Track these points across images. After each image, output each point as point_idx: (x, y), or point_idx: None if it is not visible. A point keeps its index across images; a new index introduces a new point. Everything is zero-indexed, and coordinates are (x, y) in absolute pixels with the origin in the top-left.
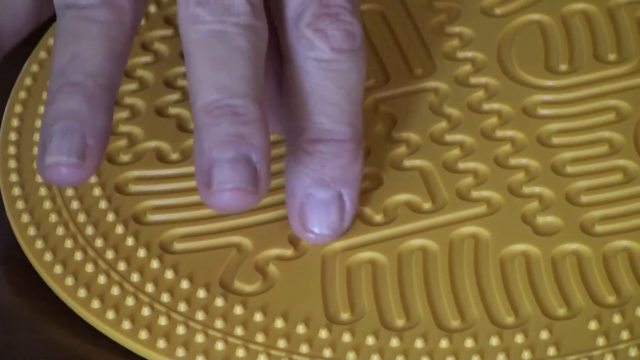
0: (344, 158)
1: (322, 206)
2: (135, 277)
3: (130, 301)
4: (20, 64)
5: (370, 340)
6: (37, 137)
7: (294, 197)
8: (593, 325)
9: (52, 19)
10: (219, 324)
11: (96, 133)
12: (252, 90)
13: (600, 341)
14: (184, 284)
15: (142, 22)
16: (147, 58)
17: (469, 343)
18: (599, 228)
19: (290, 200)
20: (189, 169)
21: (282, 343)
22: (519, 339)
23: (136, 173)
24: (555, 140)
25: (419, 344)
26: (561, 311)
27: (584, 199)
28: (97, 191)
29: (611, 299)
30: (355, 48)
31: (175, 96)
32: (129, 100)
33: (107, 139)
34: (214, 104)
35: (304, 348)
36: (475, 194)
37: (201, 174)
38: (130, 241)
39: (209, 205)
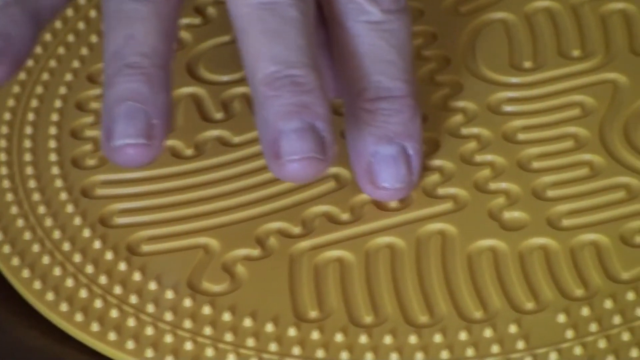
0: (404, 113)
1: (391, 161)
2: (103, 279)
3: (98, 303)
4: None
5: (339, 337)
6: (1, 143)
7: (360, 157)
8: (562, 318)
9: None
10: (187, 324)
11: (159, 112)
12: (308, 59)
13: (569, 334)
14: (152, 286)
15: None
16: None
17: (437, 338)
18: (565, 222)
19: (356, 161)
20: (155, 171)
21: (250, 342)
22: (488, 333)
23: (102, 177)
24: (521, 136)
25: (387, 340)
26: (529, 305)
27: (551, 193)
28: (63, 195)
29: (579, 292)
30: (401, 8)
31: None
32: (94, 105)
33: (170, 117)
34: (273, 75)
35: (272, 346)
36: (441, 191)
37: (268, 146)
38: (97, 244)
39: (278, 176)
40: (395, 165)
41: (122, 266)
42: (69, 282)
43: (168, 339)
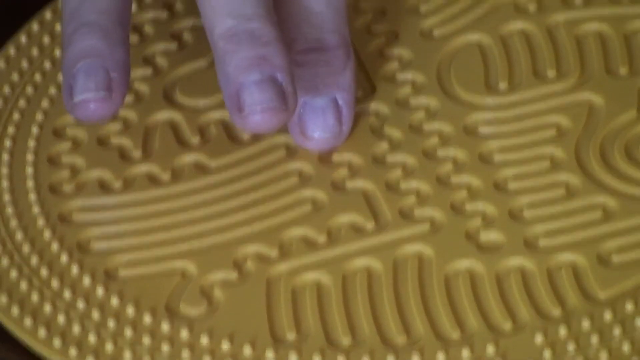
0: (334, 65)
1: (319, 111)
2: (81, 304)
3: (76, 328)
4: None
5: (316, 359)
6: None
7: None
8: (539, 338)
9: None
10: (165, 347)
11: (118, 66)
12: (264, 12)
13: (547, 354)
14: (130, 310)
15: None
16: None
17: (415, 359)
18: (542, 243)
19: None
20: (132, 197)
21: None
22: (465, 353)
23: (79, 202)
24: (497, 157)
25: None
26: (507, 325)
27: (527, 214)
28: (41, 221)
29: (556, 312)
30: None
31: (117, 126)
32: (71, 132)
33: (129, 72)
34: (231, 30)
35: None
36: (418, 213)
37: (231, 99)
38: (75, 269)
39: (242, 128)
40: (324, 116)
41: (100, 291)
42: (47, 308)
43: None
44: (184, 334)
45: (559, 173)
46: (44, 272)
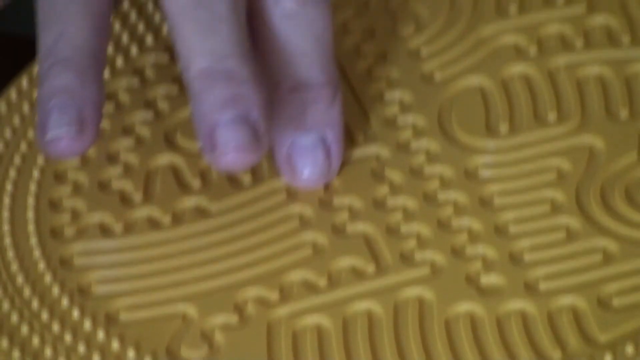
0: (321, 102)
1: (308, 150)
2: (82, 348)
3: None
4: None
5: None
6: None
7: (280, 146)
8: None
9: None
10: None
11: (91, 104)
12: (240, 52)
13: None
14: (131, 354)
15: None
16: None
17: None
18: (543, 286)
19: (277, 151)
20: (133, 240)
21: None
22: None
23: (80, 246)
24: (498, 201)
25: None
26: None
27: (528, 258)
28: (42, 265)
29: (557, 355)
30: None
31: (118, 170)
32: (71, 175)
33: (102, 110)
34: (207, 70)
35: None
36: (418, 256)
37: (204, 138)
38: (76, 314)
39: (216, 166)
40: (313, 154)
41: (101, 334)
42: (48, 352)
43: None
44: None
45: (559, 216)
46: (44, 315)
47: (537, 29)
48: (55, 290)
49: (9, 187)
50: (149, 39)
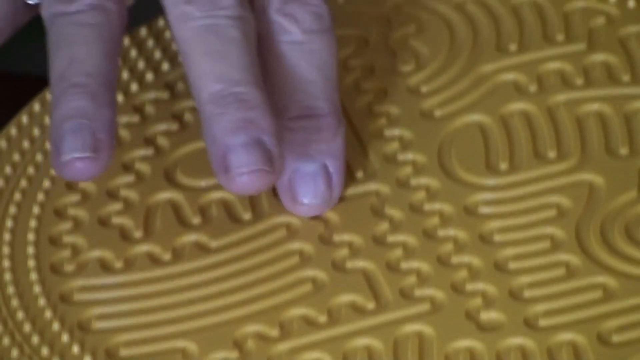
0: (325, 132)
1: (310, 178)
2: None
3: None
4: None
5: None
6: None
7: (283, 174)
8: None
9: (29, 24)
10: None
11: (105, 127)
12: (251, 77)
13: None
14: None
15: None
16: None
17: None
18: (543, 322)
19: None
20: (133, 276)
21: None
22: None
23: (80, 282)
24: (497, 237)
25: None
26: None
27: (527, 294)
28: (42, 301)
29: None
30: (324, 28)
31: (118, 206)
32: (72, 211)
33: (115, 133)
34: (218, 93)
35: None
36: (418, 293)
37: (217, 161)
38: (76, 349)
39: (229, 189)
40: (315, 182)
41: None
42: None
43: None
44: None
45: (559, 253)
46: (44, 351)
47: (536, 66)
48: (56, 325)
49: (9, 223)
50: (149, 76)
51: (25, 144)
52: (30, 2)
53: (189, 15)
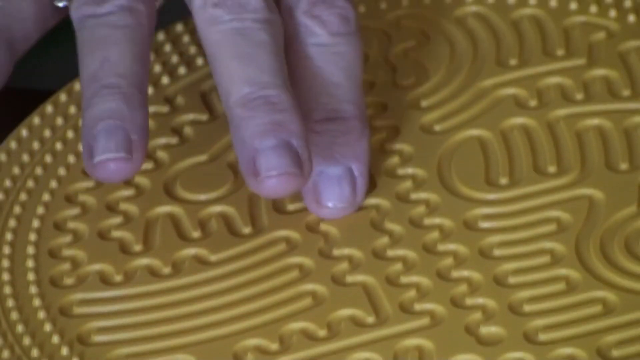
0: (351, 135)
1: (335, 181)
2: None
3: None
4: None
5: None
6: None
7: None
8: None
9: (59, 25)
10: None
11: (138, 129)
12: (280, 80)
13: None
14: None
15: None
16: (88, 183)
17: None
18: (542, 337)
19: None
20: (133, 290)
21: None
22: None
23: (80, 295)
24: (497, 252)
25: None
26: None
27: (527, 308)
28: (41, 314)
29: None
30: (351, 31)
31: (117, 219)
32: (71, 225)
33: (148, 135)
34: (247, 96)
35: None
36: (418, 307)
37: (246, 164)
38: None
39: (258, 192)
40: (340, 186)
41: None
42: None
43: None
44: None
45: (559, 267)
46: None
47: (537, 81)
48: (55, 339)
49: (8, 236)
50: (149, 90)
51: (25, 157)
52: (59, 4)
53: (218, 19)
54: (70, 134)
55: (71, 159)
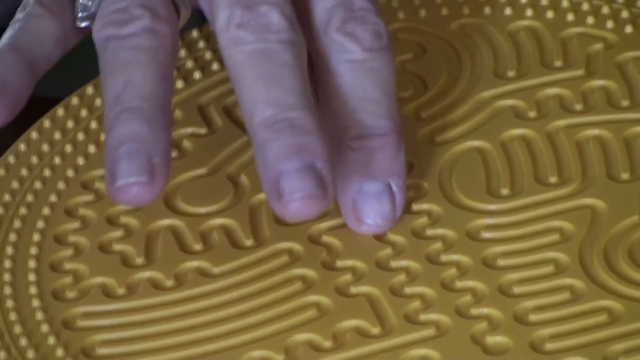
0: (388, 150)
1: (374, 198)
2: None
3: None
4: None
5: None
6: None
7: (346, 194)
8: None
9: (78, 46)
10: None
11: (160, 152)
12: (304, 101)
13: None
14: None
15: (82, 160)
16: (88, 197)
17: None
18: (548, 346)
19: (342, 198)
20: (135, 303)
21: None
22: None
23: (83, 309)
24: (501, 262)
25: None
26: None
27: (533, 318)
28: (44, 328)
29: None
30: (383, 46)
31: (118, 233)
32: (72, 238)
33: (170, 157)
34: (271, 118)
35: None
36: (423, 317)
37: (270, 186)
38: None
39: (282, 215)
40: (379, 202)
41: None
42: None
43: None
44: None
45: (563, 277)
46: None
47: (535, 92)
48: (59, 352)
49: (9, 250)
50: None
51: (24, 171)
52: (81, 25)
53: (241, 40)
54: (68, 148)
55: (70, 173)
